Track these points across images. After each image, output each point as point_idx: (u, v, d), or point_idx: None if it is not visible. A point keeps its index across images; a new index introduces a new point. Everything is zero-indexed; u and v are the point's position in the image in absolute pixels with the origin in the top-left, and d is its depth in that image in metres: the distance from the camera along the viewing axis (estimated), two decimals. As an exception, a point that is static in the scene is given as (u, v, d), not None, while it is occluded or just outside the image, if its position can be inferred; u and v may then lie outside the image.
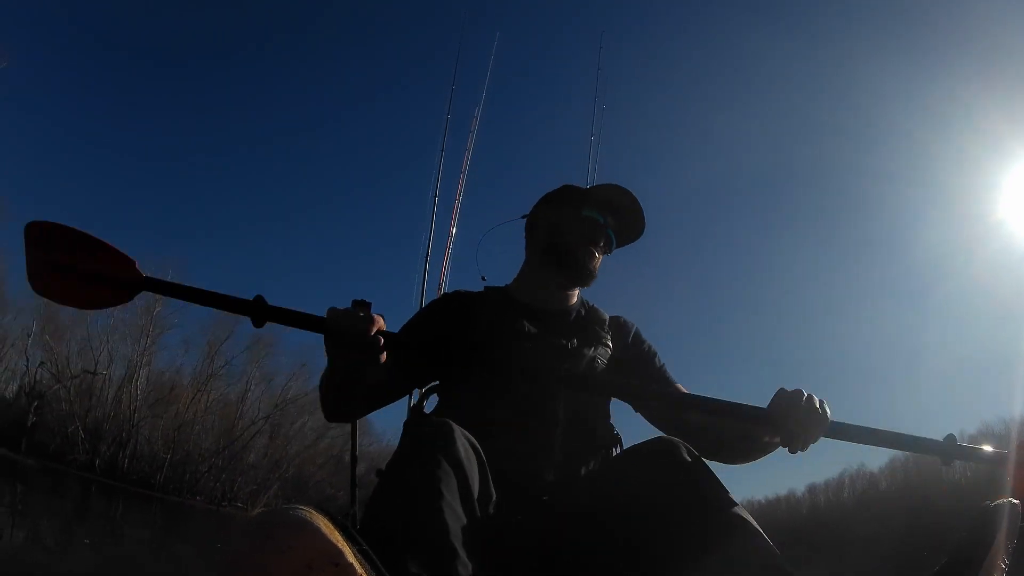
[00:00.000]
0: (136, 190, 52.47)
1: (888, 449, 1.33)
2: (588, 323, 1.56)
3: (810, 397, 1.19)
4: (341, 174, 62.17)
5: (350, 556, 0.66)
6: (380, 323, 1.17)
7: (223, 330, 31.53)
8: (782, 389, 1.20)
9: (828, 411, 1.19)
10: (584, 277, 1.56)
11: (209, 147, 55.01)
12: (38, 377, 26.21)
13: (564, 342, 1.47)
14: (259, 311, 1.22)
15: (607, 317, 1.62)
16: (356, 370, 1.24)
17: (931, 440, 1.28)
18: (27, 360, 26.62)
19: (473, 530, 0.96)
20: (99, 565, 6.80)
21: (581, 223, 1.55)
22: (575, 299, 1.62)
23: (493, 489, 1.10)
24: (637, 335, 1.63)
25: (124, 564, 7.43)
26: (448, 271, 3.38)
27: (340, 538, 0.66)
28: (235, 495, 29.41)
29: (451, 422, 1.07)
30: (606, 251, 1.59)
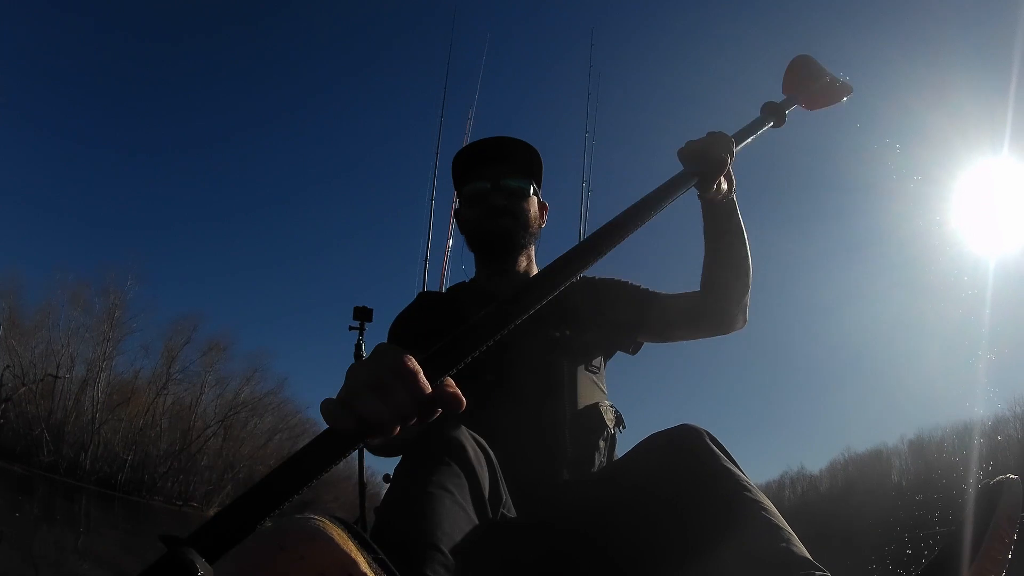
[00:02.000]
0: (129, 187, 53.77)
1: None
2: (566, 301, 1.35)
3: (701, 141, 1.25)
4: (339, 178, 62.73)
5: (364, 566, 0.64)
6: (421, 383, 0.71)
7: (181, 336, 32.95)
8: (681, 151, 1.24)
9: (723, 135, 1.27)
10: (507, 247, 1.49)
11: (208, 152, 56.79)
12: (3, 380, 27.03)
13: (557, 333, 1.42)
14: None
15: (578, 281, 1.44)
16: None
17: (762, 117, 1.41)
18: (-7, 363, 27.56)
19: (487, 534, 0.96)
20: (69, 562, 7.11)
21: (474, 203, 1.51)
22: (533, 272, 1.55)
23: (504, 492, 1.09)
24: (604, 281, 1.57)
25: (92, 562, 7.69)
26: (448, 272, 3.49)
27: (354, 548, 0.65)
28: (191, 495, 30.86)
29: (462, 426, 1.06)
30: (519, 198, 1.50)
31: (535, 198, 1.54)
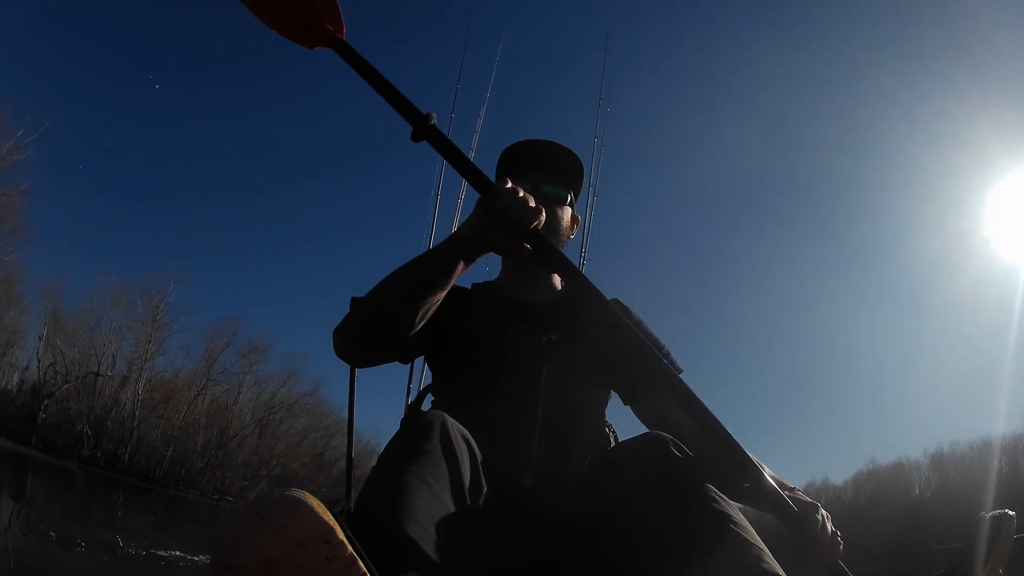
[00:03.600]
0: (136, 186, 54.03)
1: None
2: (577, 313, 1.46)
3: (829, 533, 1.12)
4: (345, 171, 63.59)
5: (341, 534, 0.67)
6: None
7: (222, 339, 33.68)
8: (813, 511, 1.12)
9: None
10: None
11: (214, 147, 56.00)
12: (47, 377, 28.09)
13: (544, 338, 1.41)
14: (425, 129, 1.17)
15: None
16: (450, 269, 1.20)
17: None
18: (38, 362, 28.62)
19: (461, 521, 0.97)
20: (107, 550, 7.15)
21: None
22: (561, 283, 1.55)
23: (484, 482, 1.09)
24: (632, 321, 1.50)
25: (132, 544, 7.90)
26: None
27: (331, 517, 0.67)
28: (227, 490, 31.62)
29: (444, 414, 1.07)
30: (556, 205, 1.49)
31: (569, 208, 1.54)
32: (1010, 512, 1.00)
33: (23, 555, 5.56)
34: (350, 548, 0.68)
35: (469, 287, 1.59)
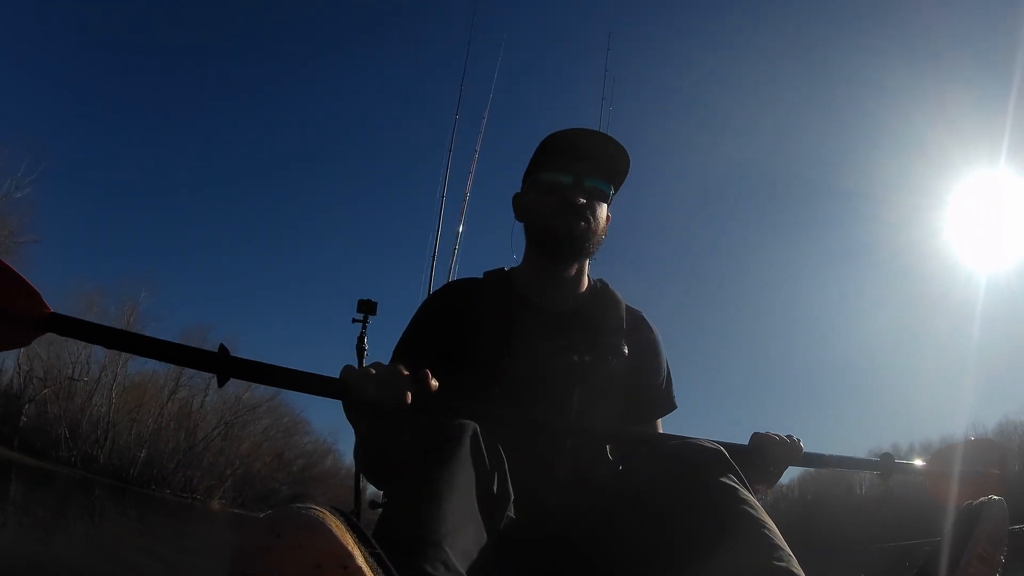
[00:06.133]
0: (133, 183, 54.73)
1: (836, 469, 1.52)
2: (603, 325, 1.44)
3: (782, 437, 1.35)
4: (350, 173, 63.73)
5: (360, 560, 0.65)
6: (410, 386, 1.09)
7: (194, 343, 34.98)
8: (756, 432, 1.35)
9: (800, 443, 1.36)
10: (572, 251, 1.41)
11: (216, 146, 56.47)
12: (27, 382, 29.65)
13: (576, 359, 1.38)
14: (224, 366, 1.05)
15: (624, 312, 1.50)
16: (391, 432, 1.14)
17: (871, 459, 1.53)
18: (18, 367, 30.13)
19: (489, 532, 0.97)
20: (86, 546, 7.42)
21: (548, 193, 1.41)
22: (585, 285, 1.49)
23: (511, 491, 1.07)
24: (654, 343, 1.52)
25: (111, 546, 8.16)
26: (456, 268, 3.42)
27: (351, 541, 0.65)
28: (194, 488, 33.52)
29: (475, 425, 1.04)
30: (597, 201, 1.42)
31: (606, 205, 1.46)
32: (995, 497, 1.00)
33: (11, 555, 5.75)
34: (370, 574, 0.65)
35: (482, 275, 1.54)
